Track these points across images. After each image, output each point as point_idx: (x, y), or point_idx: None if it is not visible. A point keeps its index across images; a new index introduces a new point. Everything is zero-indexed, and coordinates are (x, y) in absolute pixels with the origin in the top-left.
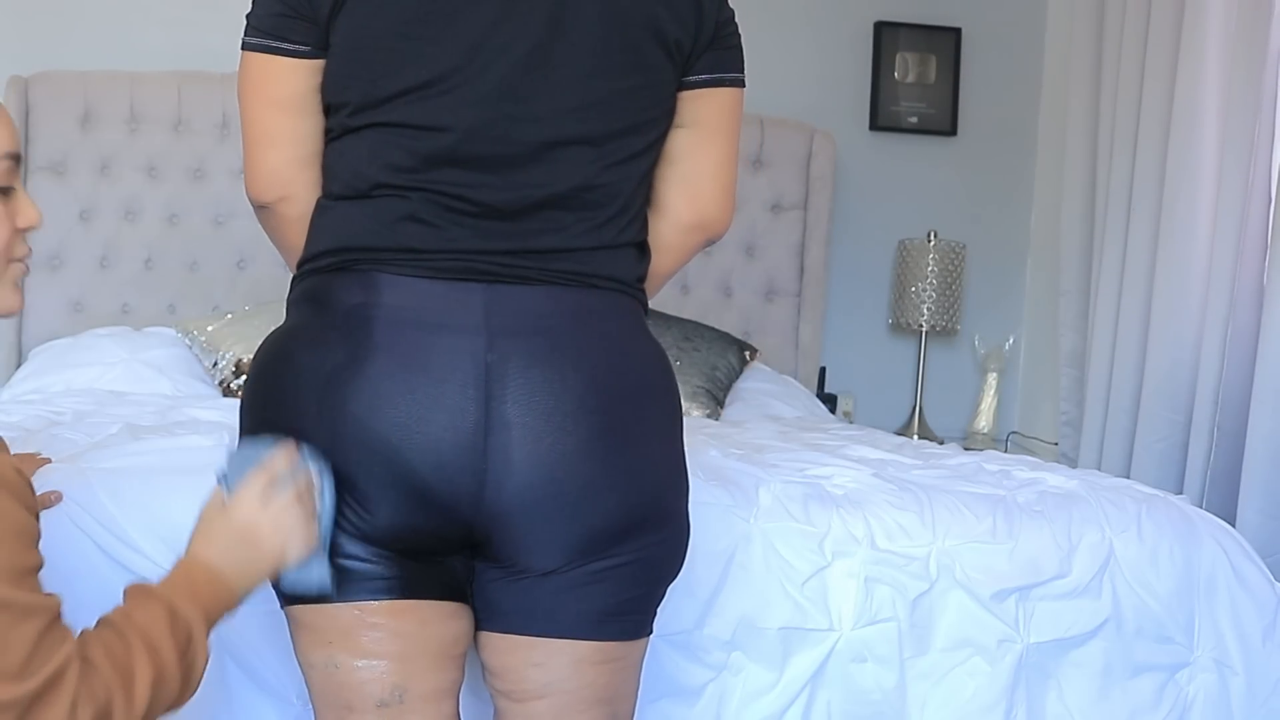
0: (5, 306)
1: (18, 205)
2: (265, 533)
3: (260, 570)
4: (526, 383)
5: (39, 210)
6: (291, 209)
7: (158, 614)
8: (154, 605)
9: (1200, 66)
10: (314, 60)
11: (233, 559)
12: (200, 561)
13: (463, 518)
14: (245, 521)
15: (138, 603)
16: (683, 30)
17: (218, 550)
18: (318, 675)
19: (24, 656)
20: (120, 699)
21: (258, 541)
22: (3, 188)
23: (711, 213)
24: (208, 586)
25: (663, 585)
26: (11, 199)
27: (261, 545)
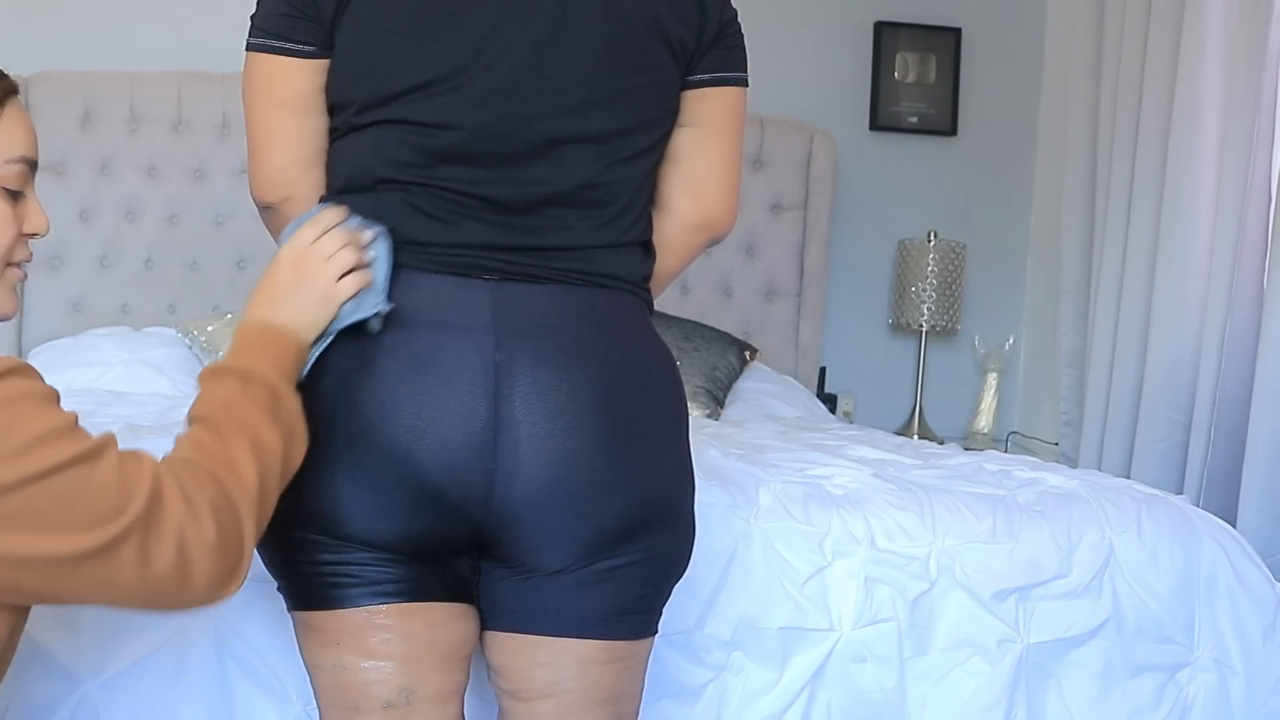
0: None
1: (27, 210)
2: (315, 260)
3: (315, 302)
4: (535, 382)
5: (48, 219)
6: (295, 209)
7: (230, 385)
8: (224, 379)
9: (1200, 66)
10: (319, 60)
11: (286, 298)
12: (253, 321)
13: (472, 518)
14: (294, 255)
15: (209, 384)
16: (686, 29)
17: (268, 298)
18: (324, 676)
19: (117, 489)
20: (229, 478)
21: (308, 271)
22: (11, 191)
23: (716, 212)
24: (268, 339)
25: (669, 584)
26: (20, 203)
27: (313, 274)
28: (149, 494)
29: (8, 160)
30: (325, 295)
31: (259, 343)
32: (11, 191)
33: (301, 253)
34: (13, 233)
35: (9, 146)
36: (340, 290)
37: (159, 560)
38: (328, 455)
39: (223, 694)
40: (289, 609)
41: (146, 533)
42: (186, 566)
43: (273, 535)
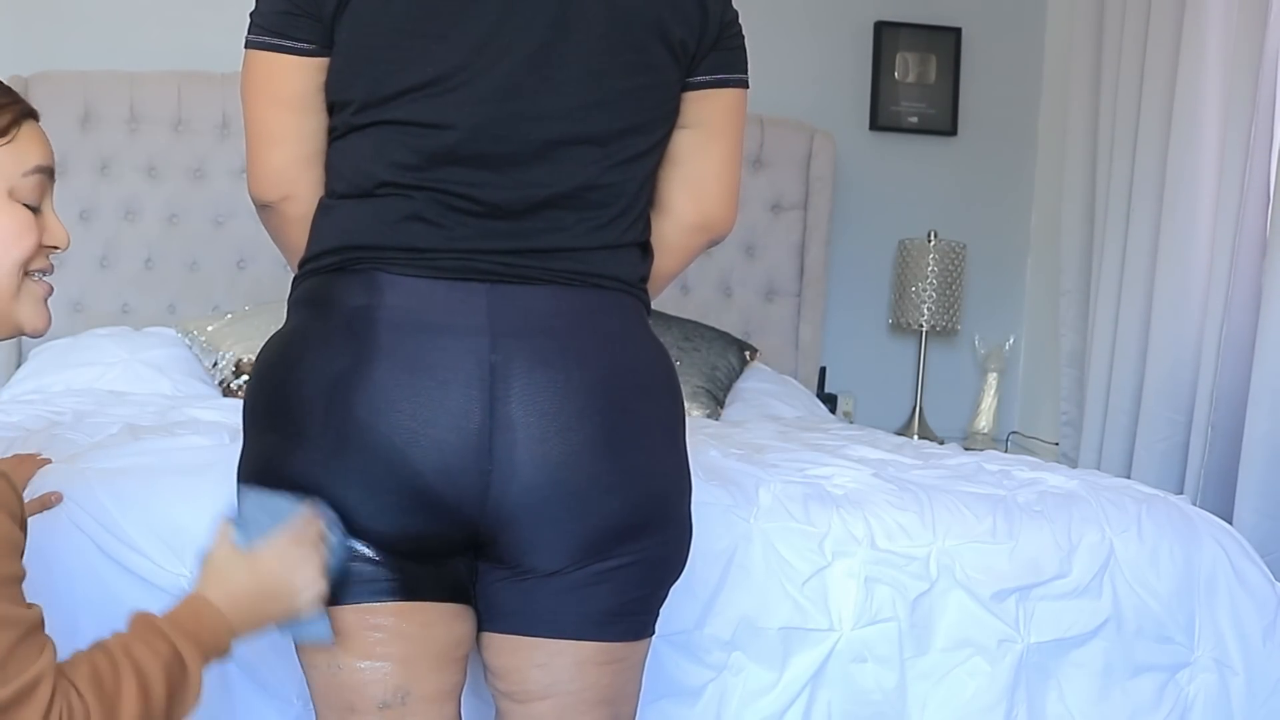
0: (32, 323)
1: (46, 223)
2: (286, 593)
3: (269, 623)
4: (530, 383)
5: (69, 234)
6: (294, 208)
7: (157, 648)
8: (153, 638)
9: (1200, 67)
10: (318, 58)
11: (246, 610)
12: (212, 604)
13: (467, 519)
14: (269, 580)
15: (137, 633)
16: (687, 31)
17: (232, 598)
18: (320, 676)
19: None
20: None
21: (276, 600)
22: (30, 205)
23: (715, 213)
24: (213, 630)
25: (665, 586)
26: (39, 217)
27: (280, 604)
28: (19, 689)
29: (25, 172)
30: (283, 620)
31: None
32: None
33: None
34: (32, 241)
35: (25, 159)
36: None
37: None
38: (323, 456)
39: (223, 694)
40: None
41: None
42: None
43: None
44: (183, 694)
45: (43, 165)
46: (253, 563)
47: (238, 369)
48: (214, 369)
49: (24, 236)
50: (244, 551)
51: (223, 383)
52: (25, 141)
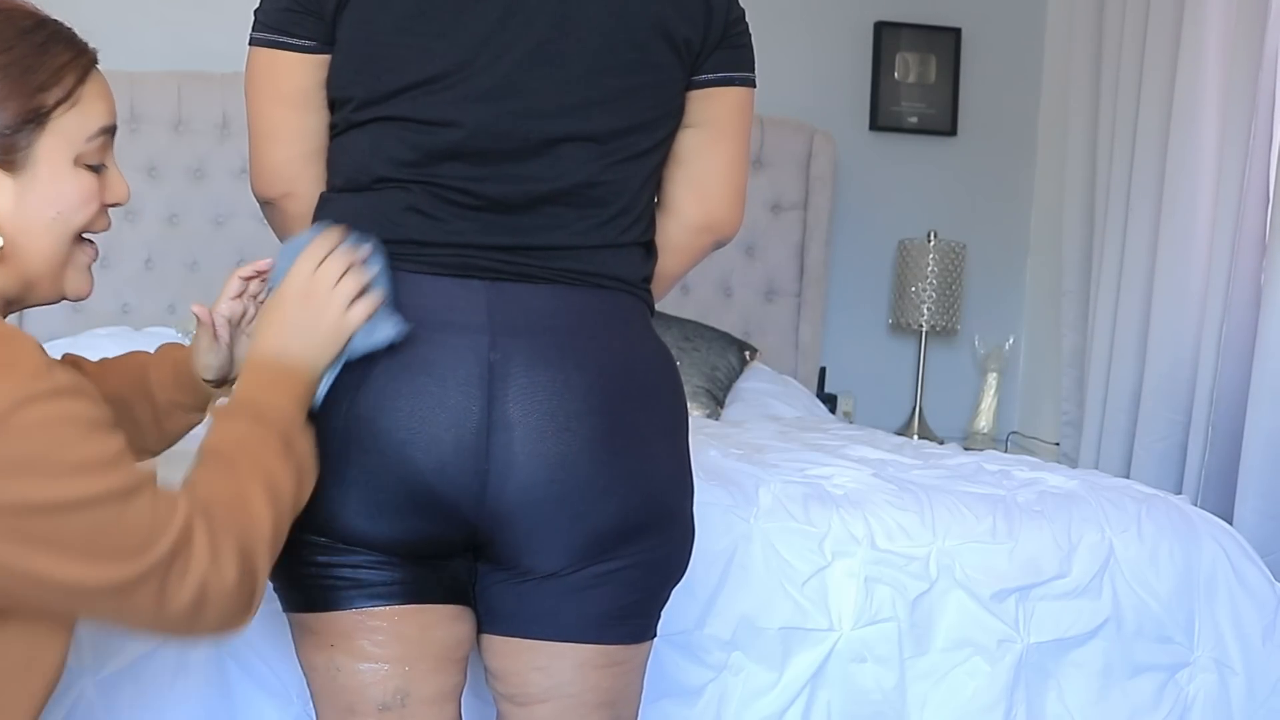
0: (76, 290)
1: (109, 179)
2: (321, 291)
3: (326, 333)
4: (530, 383)
5: (128, 185)
6: (296, 205)
7: (243, 423)
8: (238, 417)
9: (1199, 67)
10: (320, 55)
11: (296, 332)
12: (263, 355)
13: (465, 519)
14: (299, 288)
15: (223, 422)
16: (692, 29)
17: (278, 332)
18: (319, 678)
19: (146, 529)
20: (246, 521)
21: (317, 303)
22: (95, 166)
23: (721, 214)
24: (279, 374)
25: (667, 588)
26: (102, 175)
27: (322, 307)
28: (176, 538)
29: (90, 136)
30: (336, 327)
31: (270, 378)
32: (95, 166)
33: (306, 285)
34: (95, 206)
35: (88, 121)
36: (351, 319)
37: (176, 601)
38: (322, 456)
39: (223, 693)
40: (284, 610)
41: (167, 575)
42: (202, 608)
43: None
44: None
45: (107, 125)
46: (285, 287)
47: None
48: None
49: (88, 203)
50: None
51: None
52: (90, 101)
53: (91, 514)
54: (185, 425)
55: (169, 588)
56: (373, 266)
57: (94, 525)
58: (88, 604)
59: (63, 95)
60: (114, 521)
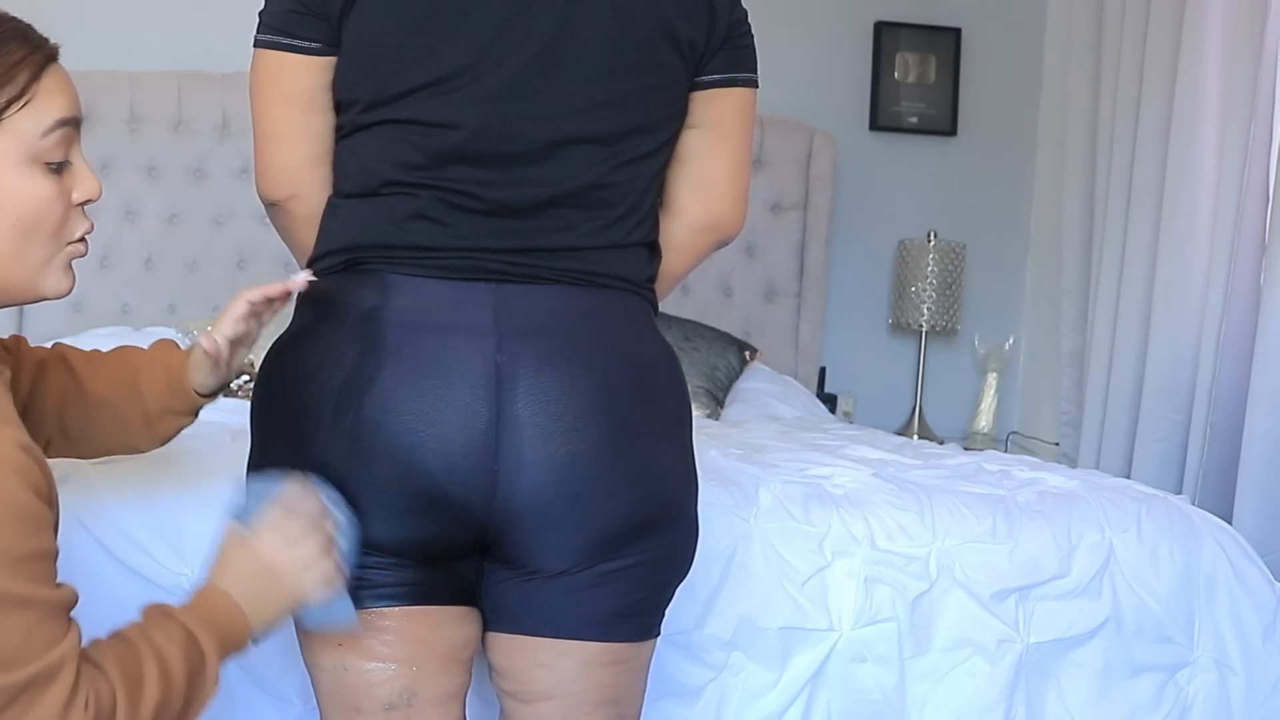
0: (55, 289)
1: (76, 178)
2: (287, 569)
3: (281, 607)
4: (537, 383)
5: (99, 182)
6: (302, 207)
7: (174, 635)
8: (171, 626)
9: (1199, 67)
10: (326, 57)
11: (254, 595)
12: (221, 592)
13: (475, 520)
14: (267, 558)
15: (154, 621)
16: (695, 30)
17: (238, 584)
18: (325, 677)
19: (13, 647)
20: (126, 706)
21: (280, 578)
22: (56, 163)
23: (724, 214)
24: (226, 618)
25: (671, 586)
26: (67, 173)
27: (284, 582)
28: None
29: (45, 131)
30: (294, 603)
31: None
32: (55, 165)
33: (278, 560)
34: (61, 209)
35: (44, 115)
36: (310, 599)
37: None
38: (330, 457)
39: (223, 694)
40: None
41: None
42: None
43: None
44: (201, 682)
45: (65, 117)
46: (250, 544)
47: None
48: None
49: (51, 207)
50: (245, 537)
51: None
52: (46, 97)
53: None
54: (176, 428)
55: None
56: (342, 539)
57: None
58: None
59: (15, 93)
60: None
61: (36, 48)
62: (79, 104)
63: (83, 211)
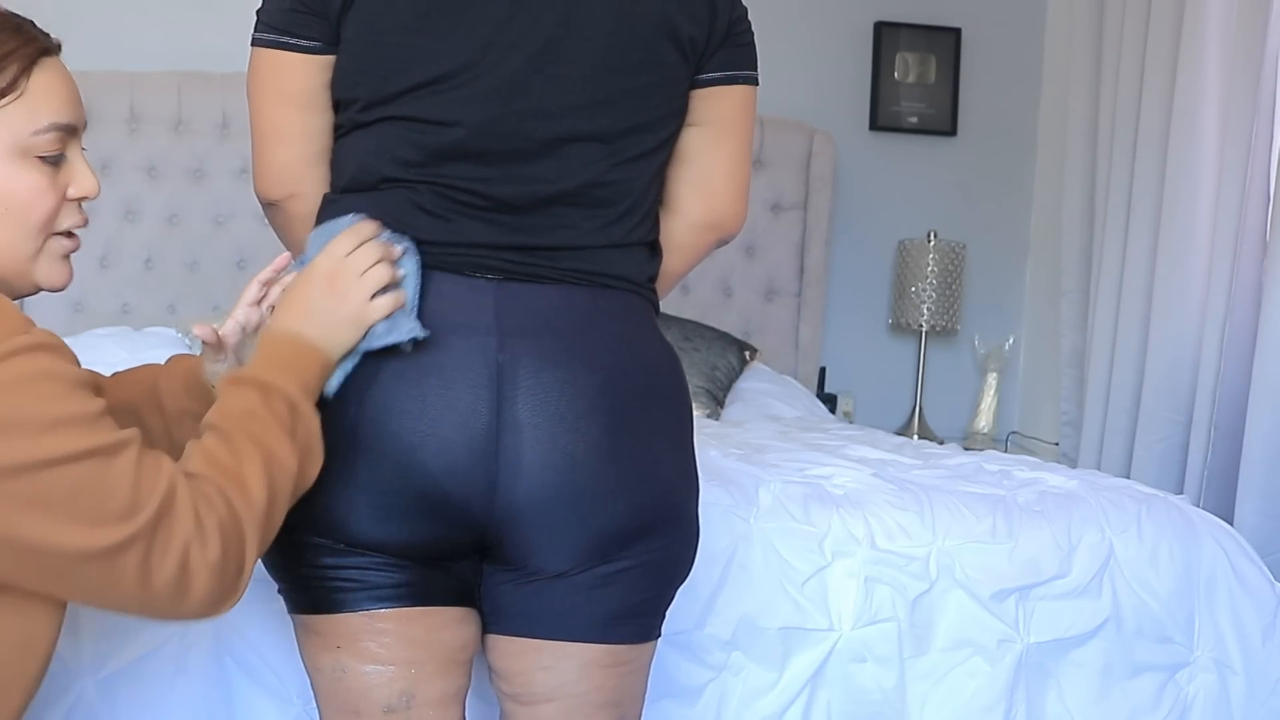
0: (49, 281)
1: (72, 174)
2: (349, 278)
3: (346, 321)
4: (538, 384)
5: (97, 180)
6: (300, 206)
7: (250, 397)
8: (245, 390)
9: (1200, 67)
10: (324, 56)
11: (317, 314)
12: (282, 331)
13: (475, 520)
14: (328, 270)
15: (229, 393)
16: (696, 28)
17: (299, 311)
18: (324, 679)
19: (129, 491)
20: (237, 496)
21: (342, 288)
22: (50, 156)
23: (725, 212)
24: (294, 353)
25: (672, 588)
26: (63, 168)
27: (346, 292)
28: (160, 503)
29: (36, 131)
30: (358, 314)
31: (285, 355)
32: (49, 158)
33: (336, 267)
34: (52, 201)
35: (37, 114)
36: (373, 310)
37: (160, 573)
38: (330, 458)
39: (223, 694)
40: (290, 612)
41: (151, 543)
42: (186, 582)
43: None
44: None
45: (60, 123)
46: (312, 267)
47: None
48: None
49: (41, 198)
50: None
51: None
52: (39, 94)
53: (72, 471)
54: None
55: (153, 557)
56: (404, 266)
57: (76, 484)
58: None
59: (4, 85)
60: (96, 480)
61: (29, 40)
62: (79, 107)
63: (77, 206)
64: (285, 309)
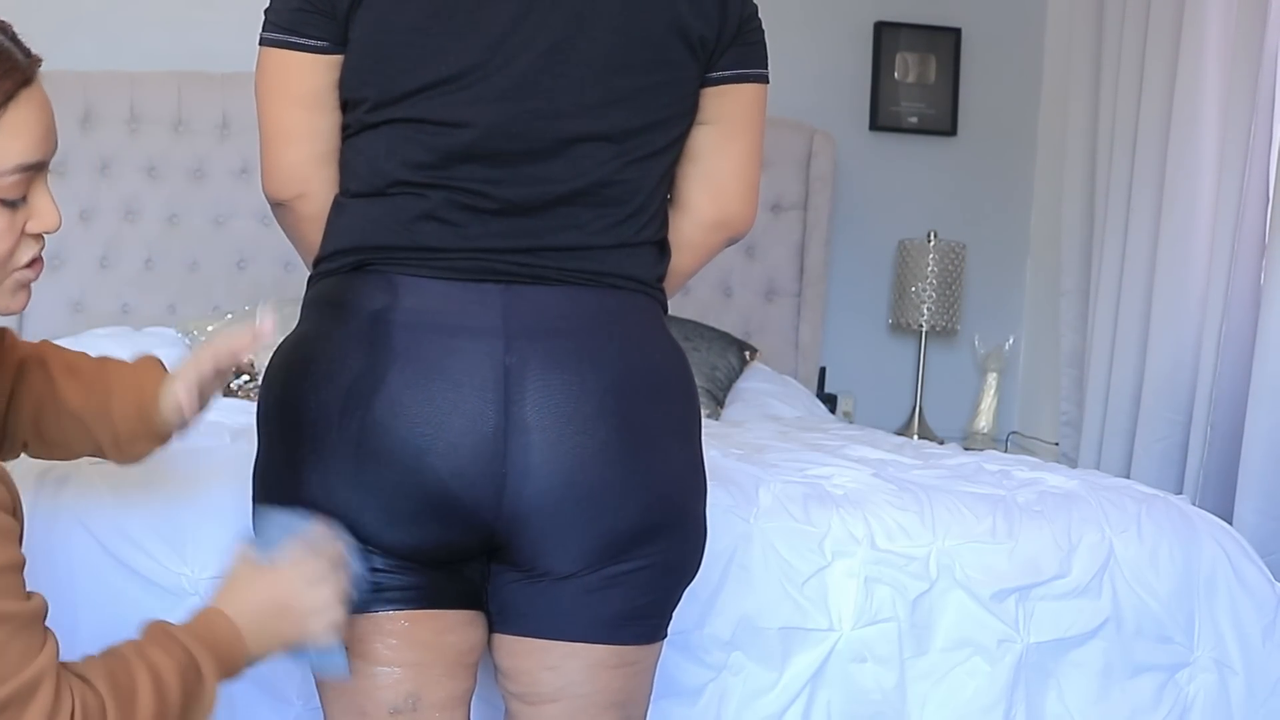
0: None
1: (33, 211)
2: (300, 613)
3: (282, 644)
4: (545, 386)
5: (59, 214)
6: (308, 206)
7: (172, 652)
8: (169, 643)
9: (1199, 66)
10: (332, 56)
11: (259, 626)
12: (225, 616)
13: (483, 523)
14: (284, 596)
15: (153, 638)
16: (707, 26)
17: (246, 612)
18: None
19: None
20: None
21: (290, 618)
22: (8, 201)
23: (734, 210)
24: (227, 643)
25: (680, 589)
26: (21, 209)
27: (293, 623)
28: (16, 689)
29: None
30: (297, 643)
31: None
32: (9, 201)
33: (291, 598)
34: (9, 243)
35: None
36: (313, 641)
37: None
38: (338, 461)
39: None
40: None
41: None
42: None
43: None
44: (197, 702)
45: (26, 163)
46: (268, 576)
47: (238, 370)
48: None
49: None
50: (261, 566)
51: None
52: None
53: None
54: (147, 451)
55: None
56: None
57: None
58: None
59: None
60: None
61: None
62: (50, 139)
63: (37, 237)
64: (234, 597)
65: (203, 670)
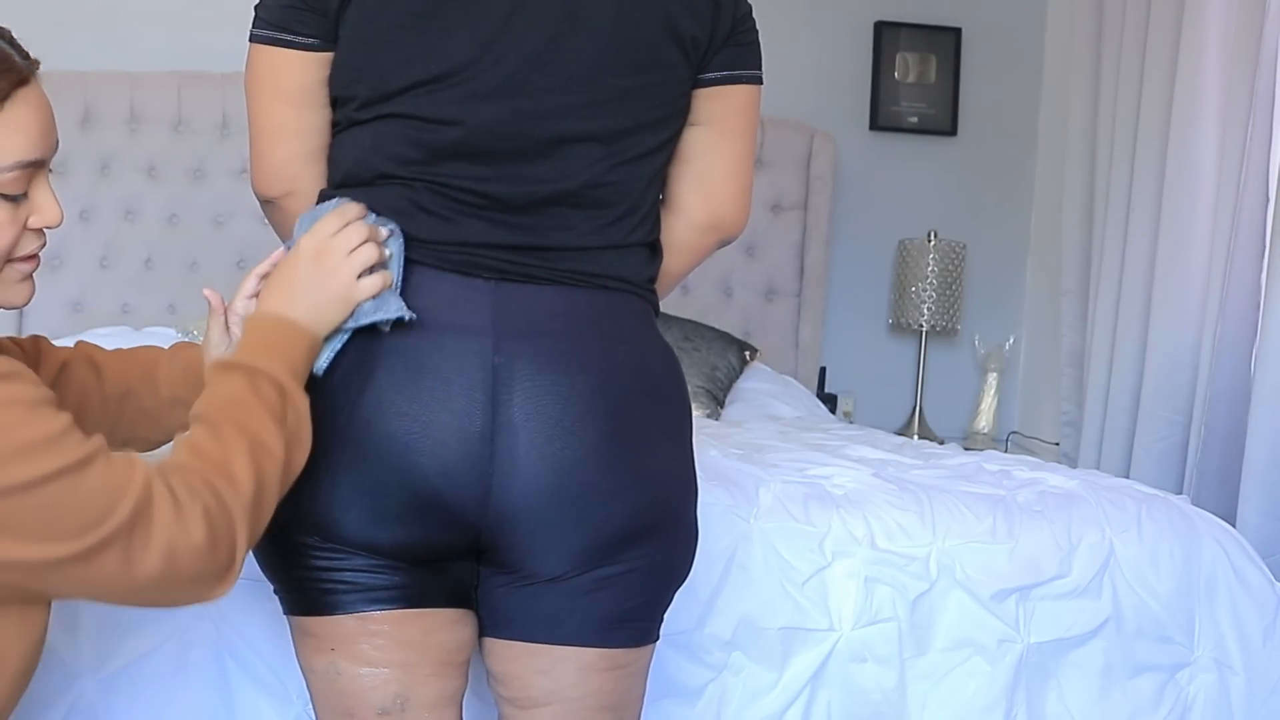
0: (8, 302)
1: (34, 206)
2: (336, 256)
3: (334, 299)
4: (534, 386)
5: (60, 210)
6: (297, 204)
7: (237, 383)
8: (232, 376)
9: (1199, 67)
10: (322, 53)
11: (304, 293)
12: (268, 314)
13: (469, 523)
14: (315, 248)
15: (216, 380)
16: (699, 27)
17: (286, 291)
18: (319, 681)
19: (103, 499)
20: (224, 485)
21: (329, 266)
22: (10, 195)
23: (727, 212)
24: (281, 335)
25: (670, 591)
26: (23, 204)
27: (333, 270)
28: (135, 503)
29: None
30: (345, 293)
31: (272, 338)
32: (10, 196)
33: (323, 246)
34: (11, 235)
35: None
36: (360, 289)
37: (144, 566)
38: (324, 458)
39: (223, 693)
40: (284, 613)
41: (130, 540)
42: (173, 572)
43: (268, 539)
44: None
45: (25, 160)
46: (298, 247)
47: None
48: None
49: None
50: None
51: None
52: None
53: (42, 494)
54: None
55: (134, 552)
56: (390, 247)
57: (49, 504)
58: (50, 579)
59: None
60: (69, 497)
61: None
62: (50, 137)
63: (38, 231)
64: (272, 290)
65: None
